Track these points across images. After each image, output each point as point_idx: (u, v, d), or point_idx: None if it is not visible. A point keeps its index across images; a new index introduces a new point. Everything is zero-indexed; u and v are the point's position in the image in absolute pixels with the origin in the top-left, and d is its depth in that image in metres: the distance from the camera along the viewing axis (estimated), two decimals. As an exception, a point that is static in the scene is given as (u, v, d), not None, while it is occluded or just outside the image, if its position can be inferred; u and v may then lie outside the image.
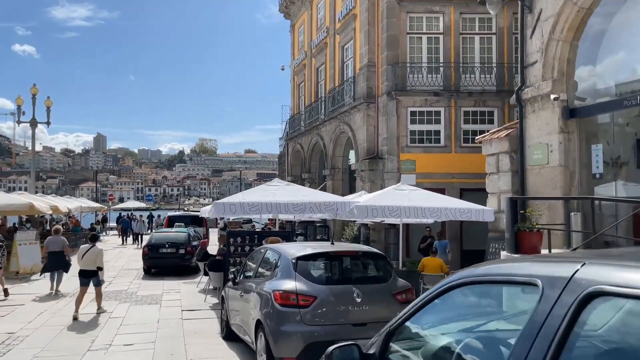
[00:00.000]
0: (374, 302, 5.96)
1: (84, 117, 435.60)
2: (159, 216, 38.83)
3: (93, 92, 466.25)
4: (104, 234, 36.54)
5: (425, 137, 18.89)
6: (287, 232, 11.17)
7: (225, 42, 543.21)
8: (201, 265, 14.23)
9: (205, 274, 13.71)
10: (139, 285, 15.04)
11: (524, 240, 8.86)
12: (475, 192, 16.34)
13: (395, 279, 6.38)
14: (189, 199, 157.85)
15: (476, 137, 12.46)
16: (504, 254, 9.20)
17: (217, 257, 12.49)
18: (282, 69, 33.95)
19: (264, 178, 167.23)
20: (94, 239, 11.35)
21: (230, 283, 8.07)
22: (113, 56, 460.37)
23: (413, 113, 18.86)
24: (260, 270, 7.06)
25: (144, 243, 19.75)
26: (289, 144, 31.31)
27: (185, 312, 11.07)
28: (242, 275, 7.71)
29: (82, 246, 11.28)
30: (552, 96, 9.87)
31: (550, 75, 10.14)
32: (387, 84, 18.88)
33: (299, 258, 6.12)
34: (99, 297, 11.12)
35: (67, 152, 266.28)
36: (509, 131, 11.13)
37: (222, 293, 8.67)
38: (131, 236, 30.51)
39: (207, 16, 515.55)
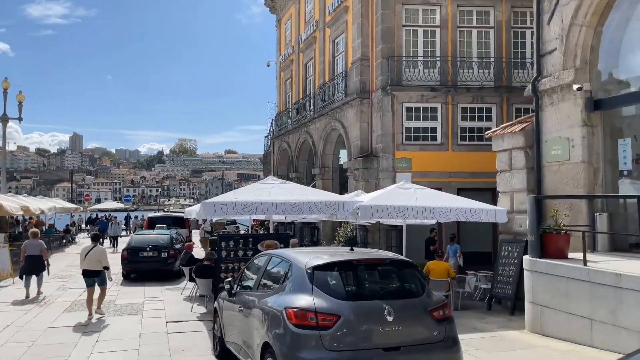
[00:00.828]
0: (408, 321, 4.94)
1: (59, 117, 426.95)
2: (135, 217, 36.99)
3: (69, 91, 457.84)
4: (81, 235, 34.93)
5: (421, 134, 18.05)
6: (285, 234, 10.17)
7: (205, 42, 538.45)
8: (186, 270, 13.12)
9: (191, 280, 12.61)
10: (117, 293, 13.85)
11: (550, 243, 8.02)
12: (473, 192, 15.55)
13: (429, 292, 5.43)
14: (169, 200, 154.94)
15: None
16: (527, 258, 8.34)
17: (204, 262, 11.41)
18: (268, 65, 32.94)
19: (245, 179, 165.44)
20: (96, 238, 11.10)
21: (225, 294, 7.03)
22: (90, 55, 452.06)
23: (409, 109, 18.01)
24: (264, 281, 6.01)
25: (123, 246, 18.45)
26: (275, 142, 30.26)
27: (171, 324, 9.97)
28: (239, 286, 6.68)
29: (83, 246, 11.06)
30: (575, 86, 9.06)
31: (572, 63, 9.33)
32: (382, 78, 17.99)
33: (315, 268, 5.06)
34: (101, 297, 10.89)
35: (42, 152, 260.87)
36: (524, 125, 10.30)
37: (215, 305, 7.61)
38: (108, 239, 28.46)
39: (186, 15, 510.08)
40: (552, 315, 7.68)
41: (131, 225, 32.65)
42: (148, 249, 16.23)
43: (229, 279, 6.86)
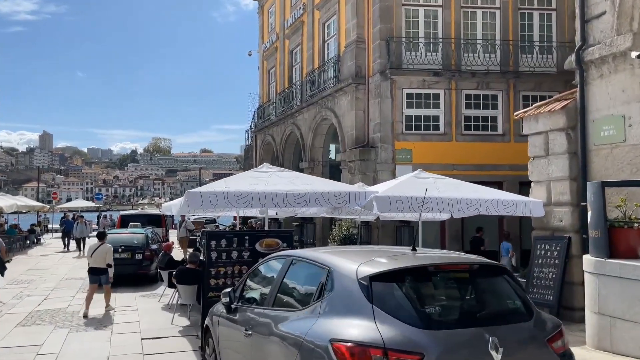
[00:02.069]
0: (522, 357, 3.38)
1: (28, 115, 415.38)
2: (105, 217, 32.78)
3: (39, 88, 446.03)
4: (48, 236, 32.47)
5: (422, 123, 16.58)
6: (288, 232, 8.47)
7: (179, 40, 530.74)
8: (165, 274, 11.33)
9: (171, 285, 10.83)
10: (83, 302, 11.91)
11: (619, 240, 6.53)
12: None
13: (538, 312, 3.77)
14: (143, 198, 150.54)
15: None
16: (589, 258, 6.83)
17: (187, 265, 9.66)
18: (250, 55, 31.12)
19: (220, 178, 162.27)
20: (102, 236, 11.16)
21: (220, 308, 5.32)
22: (60, 52, 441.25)
23: (409, 95, 16.51)
24: (282, 295, 4.28)
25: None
26: (258, 135, 28.47)
27: (147, 341, 8.19)
28: (240, 299, 4.98)
29: (90, 244, 11.34)
30: (634, 54, 7.61)
31: (628, 27, 7.89)
32: (380, 61, 16.44)
33: (374, 277, 3.37)
34: (107, 295, 10.89)
35: (9, 151, 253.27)
36: (565, 103, 8.83)
37: (207, 322, 5.88)
38: (73, 241, 24.55)
39: (160, 12, 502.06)
40: (629, 329, 6.19)
41: (100, 225, 28.85)
42: (120, 249, 14.31)
43: (228, 289, 5.10)
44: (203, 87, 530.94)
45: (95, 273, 10.60)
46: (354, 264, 3.61)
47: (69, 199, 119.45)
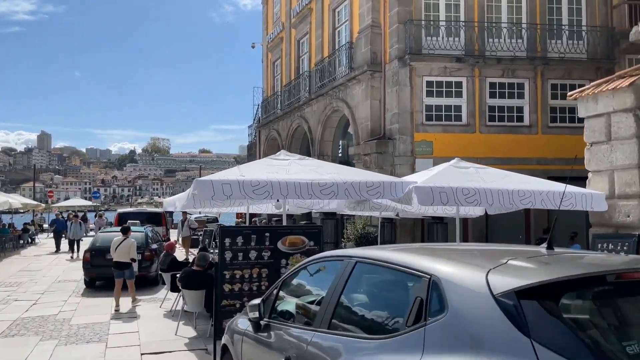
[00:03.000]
0: None
1: (26, 115, 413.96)
2: (100, 216, 28.49)
3: (37, 89, 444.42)
4: (43, 236, 31.18)
5: (444, 113, 15.40)
6: (316, 227, 7.24)
7: (177, 40, 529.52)
8: (167, 277, 10.11)
9: (174, 289, 9.62)
10: (75, 307, 10.71)
11: None
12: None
13: None
14: (142, 198, 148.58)
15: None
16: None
17: (193, 268, 8.43)
18: (253, 47, 29.94)
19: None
20: (126, 230, 11.10)
21: (245, 324, 4.08)
22: (58, 52, 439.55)
23: (429, 84, 15.32)
24: (343, 314, 3.00)
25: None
26: (262, 131, 27.24)
27: (148, 357, 6.97)
28: (272, 312, 3.76)
29: (115, 238, 11.16)
30: None
31: None
32: (398, 47, 15.25)
33: (523, 293, 2.05)
34: (132, 290, 10.87)
35: (8, 151, 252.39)
36: (632, 79, 7.62)
37: (224, 340, 4.61)
38: (67, 242, 21.84)
39: (157, 13, 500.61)
40: None
41: (95, 225, 25.88)
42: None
43: (256, 301, 3.83)
44: (201, 87, 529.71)
45: (119, 268, 10.59)
46: (479, 270, 2.30)
47: (67, 199, 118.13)
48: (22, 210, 32.32)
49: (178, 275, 8.62)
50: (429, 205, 7.59)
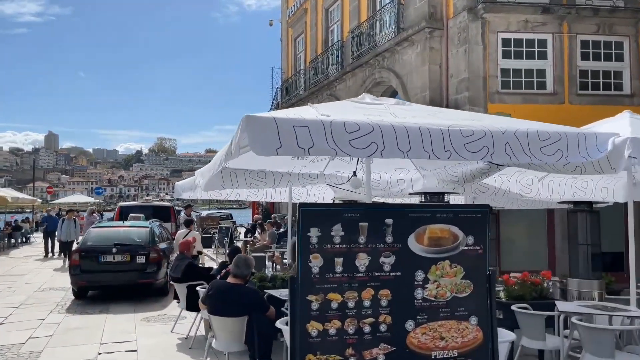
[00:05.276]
0: None
1: (34, 116, 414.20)
2: (92, 213, 23.08)
3: (44, 90, 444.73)
4: (38, 235, 28.24)
5: (524, 79, 12.31)
6: (480, 208, 3.89)
7: (182, 41, 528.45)
8: (182, 289, 7.03)
9: (191, 308, 6.57)
10: (52, 331, 7.64)
11: None
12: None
13: None
14: (148, 194, 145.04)
15: None
16: None
17: (228, 280, 5.34)
18: (271, 24, 26.89)
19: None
20: (189, 223, 11.27)
21: None
22: (65, 53, 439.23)
23: (506, 42, 12.22)
24: None
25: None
26: (283, 116, 24.14)
27: None
28: None
29: (179, 232, 11.49)
30: None
31: None
32: (467, -5, 12.14)
33: None
34: None
35: (15, 151, 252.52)
36: None
37: None
38: (58, 244, 18.21)
39: (162, 14, 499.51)
40: None
41: (84, 222, 20.66)
42: (114, 250, 10.07)
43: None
44: (206, 86, 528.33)
45: None
46: None
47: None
48: (27, 210, 29.73)
49: (200, 289, 5.52)
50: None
